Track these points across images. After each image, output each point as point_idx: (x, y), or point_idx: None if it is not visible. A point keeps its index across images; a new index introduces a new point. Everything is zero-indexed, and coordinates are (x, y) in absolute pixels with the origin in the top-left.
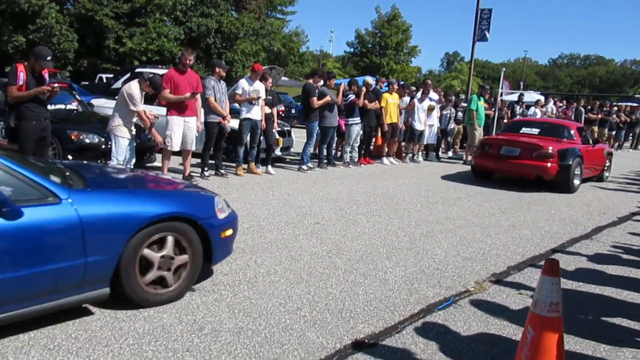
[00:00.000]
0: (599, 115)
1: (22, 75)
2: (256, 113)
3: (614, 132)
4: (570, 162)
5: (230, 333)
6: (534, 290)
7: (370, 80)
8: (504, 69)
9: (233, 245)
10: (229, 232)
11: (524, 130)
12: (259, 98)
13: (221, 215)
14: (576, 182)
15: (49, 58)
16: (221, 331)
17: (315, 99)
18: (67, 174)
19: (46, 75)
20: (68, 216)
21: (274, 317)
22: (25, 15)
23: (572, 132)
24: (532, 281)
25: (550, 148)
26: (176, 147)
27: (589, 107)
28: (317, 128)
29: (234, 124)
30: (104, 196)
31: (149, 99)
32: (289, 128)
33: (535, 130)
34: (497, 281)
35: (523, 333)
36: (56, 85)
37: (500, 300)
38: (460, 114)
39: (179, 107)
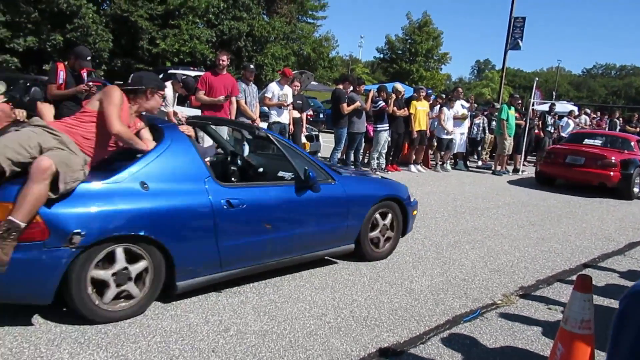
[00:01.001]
0: (638, 129)
1: (62, 74)
2: (284, 117)
3: None
4: (632, 172)
5: (255, 335)
6: (564, 305)
7: (399, 87)
8: (537, 79)
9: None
10: (415, 212)
11: (586, 141)
12: (288, 105)
13: (412, 199)
14: (636, 189)
15: (88, 58)
16: (246, 333)
17: (345, 105)
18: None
19: (85, 75)
20: (341, 192)
21: (299, 322)
22: (63, 15)
23: (632, 144)
24: (561, 296)
25: (614, 158)
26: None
27: (627, 119)
28: (346, 134)
29: (262, 127)
30: (354, 181)
31: (180, 101)
32: (316, 133)
33: (598, 142)
34: (525, 295)
35: (552, 349)
36: (91, 84)
37: (528, 314)
38: (494, 123)
39: (212, 109)
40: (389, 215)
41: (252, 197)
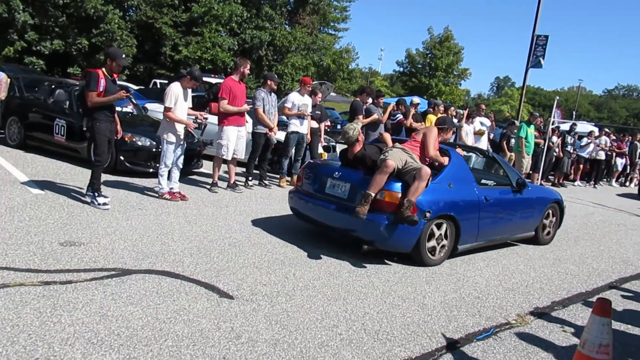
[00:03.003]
0: None
1: (102, 82)
2: (304, 127)
3: None
4: None
5: (266, 344)
6: (579, 328)
7: (417, 100)
8: (557, 98)
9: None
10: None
11: None
12: (307, 115)
13: (564, 204)
14: None
15: (123, 55)
16: (257, 341)
17: (361, 117)
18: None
19: (117, 81)
20: (532, 195)
21: (310, 332)
22: (90, 20)
23: None
24: (577, 319)
25: None
26: (231, 156)
27: None
28: None
29: (280, 136)
30: (537, 188)
31: (200, 106)
32: (334, 143)
33: None
34: (540, 315)
35: None
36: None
37: (543, 335)
38: (512, 141)
39: (235, 117)
40: (551, 213)
41: (494, 194)
